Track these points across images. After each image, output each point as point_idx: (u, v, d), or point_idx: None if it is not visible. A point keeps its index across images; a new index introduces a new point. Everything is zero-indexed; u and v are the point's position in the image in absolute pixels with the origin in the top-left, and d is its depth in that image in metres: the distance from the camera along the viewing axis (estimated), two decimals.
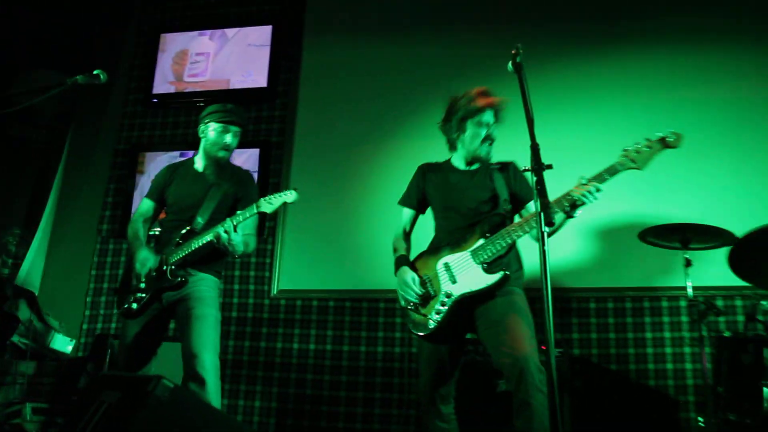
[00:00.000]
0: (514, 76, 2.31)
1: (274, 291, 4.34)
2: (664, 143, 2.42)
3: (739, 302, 3.86)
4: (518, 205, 2.74)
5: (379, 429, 3.95)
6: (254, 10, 5.12)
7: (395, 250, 2.82)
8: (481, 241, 2.56)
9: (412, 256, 2.78)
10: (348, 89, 4.75)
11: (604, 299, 4.03)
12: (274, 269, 4.38)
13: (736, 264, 3.01)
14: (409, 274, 2.63)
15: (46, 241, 4.65)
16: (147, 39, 5.17)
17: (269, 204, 2.69)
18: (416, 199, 2.86)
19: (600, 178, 2.37)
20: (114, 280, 4.52)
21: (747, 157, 4.13)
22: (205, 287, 2.87)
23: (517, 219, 2.73)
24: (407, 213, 2.88)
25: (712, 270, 3.62)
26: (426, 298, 2.59)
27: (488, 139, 2.68)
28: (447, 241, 2.68)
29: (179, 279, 2.77)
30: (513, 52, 2.26)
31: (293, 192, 2.73)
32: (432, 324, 2.54)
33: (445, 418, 2.64)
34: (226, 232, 2.68)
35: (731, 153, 4.17)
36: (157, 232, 3.10)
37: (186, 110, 4.90)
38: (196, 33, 5.09)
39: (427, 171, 2.88)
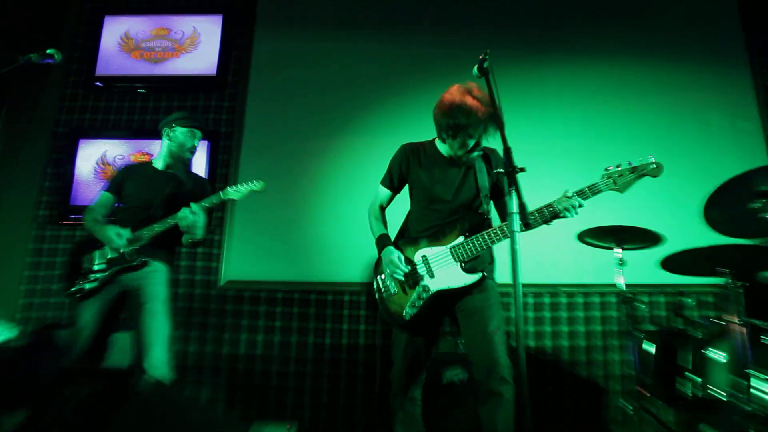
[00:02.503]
0: (458, 76, 2.33)
1: (222, 282, 4.20)
2: (646, 172, 2.50)
3: (662, 299, 4.09)
4: (497, 195, 2.71)
5: (326, 418, 3.92)
6: None
7: (374, 228, 2.76)
8: (460, 239, 2.55)
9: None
10: (298, 82, 4.60)
11: (540, 294, 4.16)
12: (221, 260, 4.24)
13: (666, 261, 3.18)
14: (395, 253, 2.59)
15: None
16: (89, 19, 4.86)
17: (236, 192, 2.89)
18: (398, 180, 2.77)
19: (584, 194, 2.44)
20: (51, 267, 4.23)
21: (674, 165, 4.37)
22: (159, 280, 2.92)
23: (494, 212, 2.73)
24: (385, 193, 2.81)
25: (642, 269, 3.81)
26: (407, 285, 2.57)
27: (476, 148, 2.61)
28: (425, 232, 2.65)
29: (139, 260, 2.87)
30: (481, 57, 2.23)
31: (260, 182, 2.92)
32: (407, 317, 2.53)
33: (413, 402, 2.67)
34: (192, 213, 2.82)
35: (661, 160, 4.39)
36: (113, 219, 3.04)
37: (131, 95, 4.65)
38: (143, 17, 4.85)
39: (411, 153, 2.76)
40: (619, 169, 2.50)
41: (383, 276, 2.62)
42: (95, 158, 4.43)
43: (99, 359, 2.75)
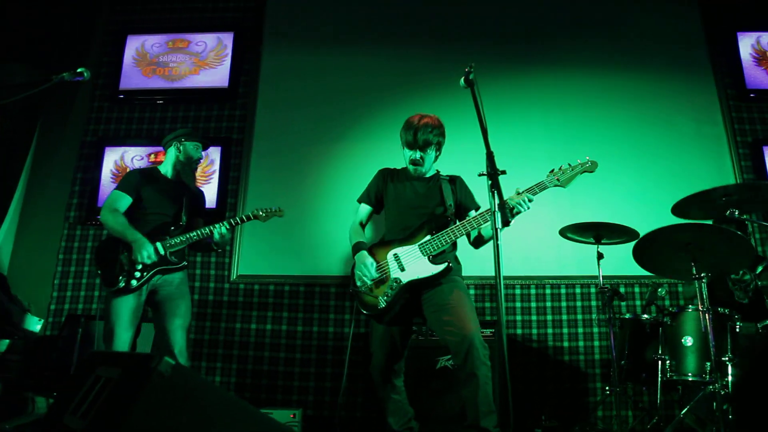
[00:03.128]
0: (448, 87, 2.45)
1: (234, 276, 4.36)
2: (582, 167, 2.73)
3: (637, 289, 4.17)
4: (462, 212, 2.90)
5: (329, 401, 4.05)
6: (217, 17, 5.09)
7: (351, 238, 2.92)
8: (428, 237, 2.72)
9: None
10: (303, 93, 4.79)
11: (527, 285, 4.26)
12: (233, 256, 4.39)
13: (638, 257, 3.25)
14: (368, 258, 2.74)
15: (14, 229, 4.49)
16: (113, 38, 5.05)
17: (264, 215, 3.28)
18: (375, 198, 2.96)
19: (532, 191, 2.63)
20: (81, 264, 4.42)
21: (648, 166, 4.47)
22: (184, 280, 3.19)
23: (456, 222, 2.88)
24: (365, 209, 2.98)
25: (619, 262, 3.87)
26: (379, 281, 2.71)
27: (415, 162, 2.84)
28: (397, 236, 2.81)
29: (182, 263, 3.12)
30: (467, 69, 2.37)
31: (283, 211, 3.35)
32: (382, 304, 2.66)
33: (397, 390, 2.79)
34: (228, 231, 3.12)
35: (636, 162, 4.49)
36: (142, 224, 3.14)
37: (151, 106, 4.82)
38: (162, 36, 5.01)
39: (387, 175, 2.99)
40: (562, 168, 2.72)
41: (359, 275, 2.72)
42: (114, 162, 4.58)
43: (133, 345, 2.92)
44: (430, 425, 3.30)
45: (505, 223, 2.17)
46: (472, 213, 2.87)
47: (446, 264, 2.68)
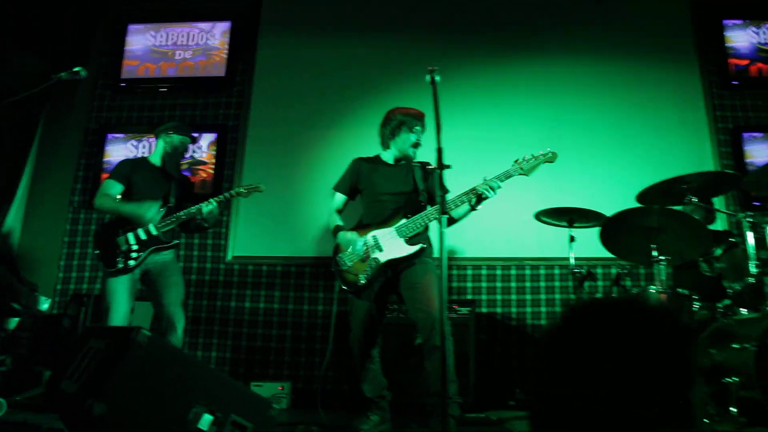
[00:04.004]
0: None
1: (229, 257, 4.60)
2: (544, 158, 2.95)
3: (614, 270, 4.35)
4: (432, 199, 3.13)
5: (318, 375, 4.30)
6: (215, 6, 5.26)
7: (330, 224, 3.16)
8: (403, 221, 2.96)
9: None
10: (298, 81, 4.97)
11: (507, 266, 4.47)
12: (229, 238, 4.63)
13: (605, 239, 3.44)
14: (350, 233, 3.00)
15: (22, 212, 4.76)
16: (114, 28, 5.24)
17: (244, 190, 3.46)
18: (349, 186, 3.20)
19: (498, 178, 2.86)
20: (85, 246, 4.68)
21: (620, 153, 4.62)
22: (176, 259, 3.44)
23: (429, 207, 3.09)
24: (340, 197, 3.21)
25: (594, 244, 4.05)
26: (360, 260, 2.94)
27: (416, 144, 3.10)
28: (374, 220, 3.05)
29: (174, 241, 3.34)
30: (429, 69, 2.53)
31: (263, 185, 3.50)
32: (362, 281, 2.91)
33: (373, 360, 3.08)
34: (216, 206, 3.30)
35: (620, 148, 4.64)
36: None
37: (151, 94, 5.03)
38: (162, 25, 5.20)
39: (360, 164, 3.22)
40: (525, 158, 2.94)
41: (341, 255, 2.94)
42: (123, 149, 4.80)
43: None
44: (408, 397, 3.55)
45: (444, 212, 2.33)
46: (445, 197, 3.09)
47: (421, 245, 2.92)
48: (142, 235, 3.22)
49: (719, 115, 4.76)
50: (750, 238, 3.05)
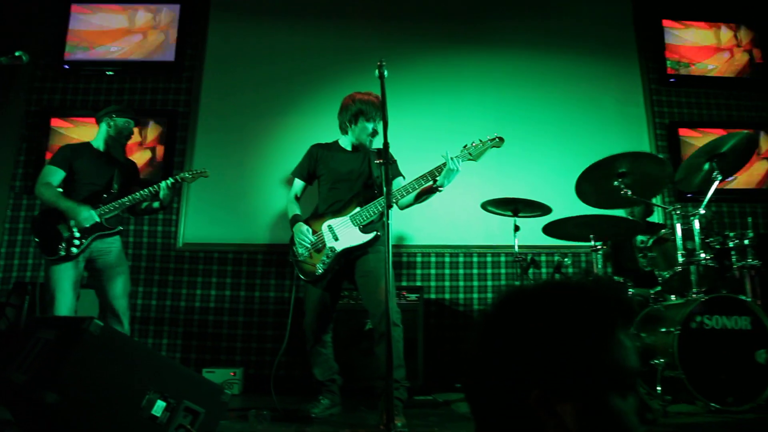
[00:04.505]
0: (389, 64, 2.67)
1: (180, 244, 4.58)
2: (491, 143, 3.04)
3: (545, 257, 4.56)
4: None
5: (270, 360, 4.36)
6: None
7: (289, 212, 3.24)
8: (357, 209, 3.05)
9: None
10: (249, 68, 4.93)
11: (455, 254, 4.62)
12: (179, 225, 4.60)
13: (548, 232, 3.63)
14: (304, 227, 3.08)
15: None
16: (57, 7, 5.06)
17: (189, 175, 3.45)
18: (307, 172, 3.27)
19: (453, 159, 2.93)
20: (27, 233, 4.56)
21: (564, 145, 4.82)
22: (121, 246, 3.40)
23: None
24: (298, 183, 3.30)
25: (537, 233, 4.23)
26: (317, 250, 3.01)
27: (373, 134, 3.16)
28: (330, 208, 3.13)
29: (118, 228, 3.33)
30: (378, 63, 2.59)
31: (207, 171, 3.51)
32: (320, 271, 3.01)
33: (325, 345, 3.19)
34: (169, 188, 3.31)
35: (563, 140, 4.83)
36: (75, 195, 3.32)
37: (97, 78, 4.91)
38: (108, 6, 5.06)
39: (318, 150, 3.29)
40: (474, 143, 3.04)
41: (296, 245, 3.01)
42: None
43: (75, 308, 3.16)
44: (358, 381, 3.66)
45: (389, 206, 2.40)
46: (400, 180, 3.20)
47: (375, 233, 3.02)
48: (78, 225, 3.19)
49: (657, 110, 5.02)
50: (678, 229, 3.28)
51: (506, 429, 0.81)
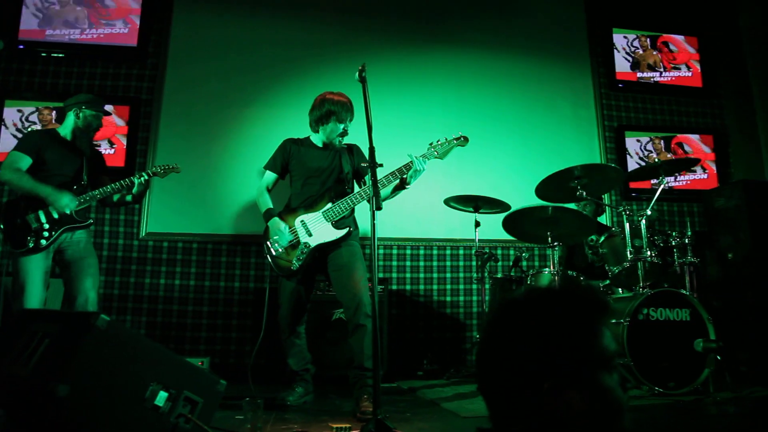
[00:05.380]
0: (353, 60, 2.76)
1: (143, 233, 4.56)
2: (456, 142, 3.24)
3: (512, 252, 4.82)
4: (359, 177, 3.38)
5: (235, 350, 4.43)
6: None
7: (261, 204, 3.29)
8: (329, 205, 3.16)
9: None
10: (215, 56, 4.91)
11: (417, 246, 4.81)
12: (142, 214, 4.58)
13: (507, 228, 3.86)
14: (282, 224, 3.16)
15: None
16: None
17: (161, 171, 3.47)
18: (280, 166, 3.34)
19: (418, 159, 3.12)
20: None
21: (521, 143, 5.08)
22: (90, 238, 3.38)
23: (356, 188, 3.31)
24: (271, 176, 3.35)
25: (496, 228, 4.46)
26: (291, 246, 3.12)
27: (344, 134, 3.27)
28: (303, 203, 3.22)
29: (89, 221, 3.32)
30: (360, 68, 2.68)
31: (179, 167, 3.52)
32: (295, 266, 3.11)
33: (299, 336, 3.30)
34: (141, 184, 3.33)
35: (520, 139, 5.09)
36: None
37: (55, 60, 4.78)
38: None
39: (291, 145, 3.36)
40: (439, 142, 3.24)
41: (271, 241, 3.10)
42: (17, 120, 4.56)
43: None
44: (325, 370, 3.79)
45: (378, 208, 2.53)
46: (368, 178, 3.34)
47: (348, 229, 3.16)
48: (54, 214, 3.16)
49: (606, 113, 5.35)
50: (627, 228, 3.57)
51: (523, 418, 0.98)
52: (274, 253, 3.15)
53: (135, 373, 1.86)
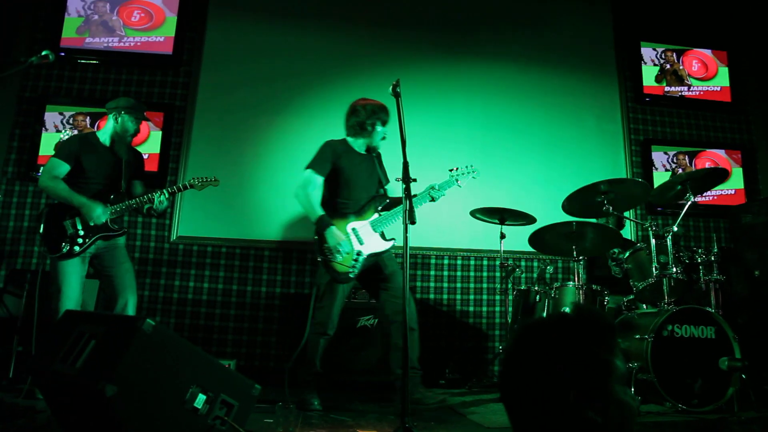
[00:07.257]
0: (382, 73, 2.85)
1: (174, 237, 4.68)
2: (470, 175, 3.55)
3: (536, 264, 4.85)
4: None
5: (260, 353, 4.53)
6: None
7: (312, 209, 3.27)
8: (376, 216, 3.36)
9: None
10: (247, 64, 5.04)
11: (441, 256, 4.86)
12: (174, 218, 4.70)
13: (533, 243, 3.90)
14: (340, 234, 3.24)
15: None
16: None
17: (199, 184, 3.51)
18: (329, 169, 3.36)
19: (442, 185, 3.40)
20: (20, 219, 4.59)
21: (546, 156, 5.11)
22: (124, 244, 3.49)
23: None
24: (318, 178, 3.34)
25: (521, 240, 4.50)
26: (348, 249, 3.25)
27: (384, 138, 3.45)
28: (351, 210, 3.35)
29: (122, 229, 3.41)
30: (394, 83, 2.76)
31: (218, 180, 3.58)
32: (353, 274, 3.25)
33: (329, 339, 3.37)
34: (168, 198, 3.39)
35: (544, 152, 5.12)
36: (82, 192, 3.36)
37: (94, 67, 4.94)
38: None
39: (336, 146, 3.41)
40: (459, 170, 3.54)
41: (328, 247, 3.21)
42: (58, 123, 4.72)
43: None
44: (349, 375, 3.87)
45: (412, 222, 2.62)
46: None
47: (393, 240, 3.35)
48: (91, 222, 3.26)
49: (632, 127, 5.36)
50: (653, 243, 3.58)
51: (548, 425, 1.10)
52: (338, 258, 3.22)
53: (177, 375, 1.95)
